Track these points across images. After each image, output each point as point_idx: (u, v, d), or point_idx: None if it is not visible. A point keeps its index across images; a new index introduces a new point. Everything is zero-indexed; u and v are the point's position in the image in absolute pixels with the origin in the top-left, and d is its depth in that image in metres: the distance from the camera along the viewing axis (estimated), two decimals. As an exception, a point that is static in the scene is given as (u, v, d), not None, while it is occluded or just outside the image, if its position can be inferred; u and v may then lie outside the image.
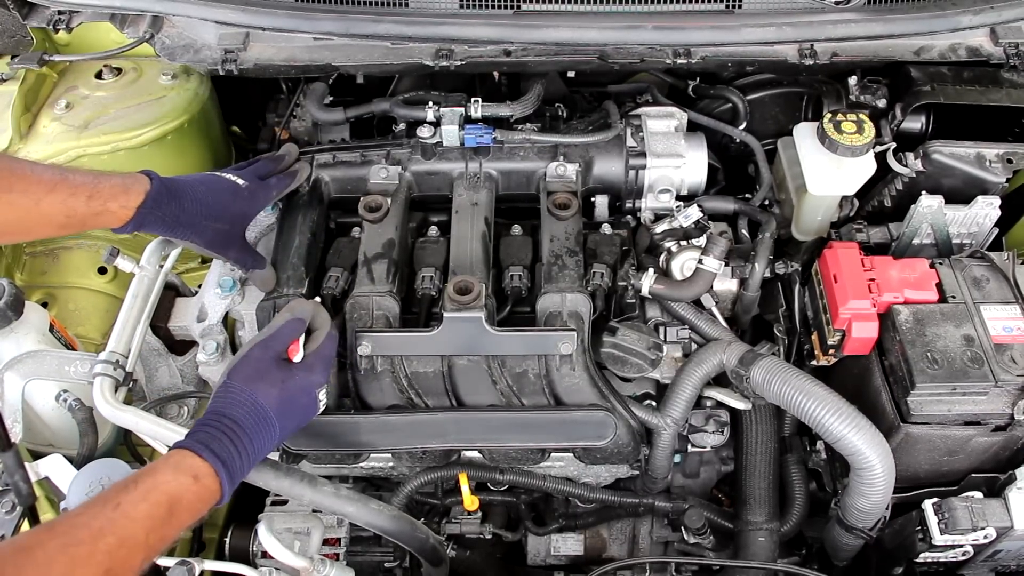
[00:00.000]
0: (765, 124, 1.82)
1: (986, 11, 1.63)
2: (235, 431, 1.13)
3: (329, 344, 1.30)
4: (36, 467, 1.39)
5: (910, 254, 1.58)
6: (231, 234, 1.42)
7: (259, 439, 1.16)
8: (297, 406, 1.23)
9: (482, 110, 1.61)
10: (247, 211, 1.45)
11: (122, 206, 1.27)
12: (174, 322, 1.62)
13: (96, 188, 1.25)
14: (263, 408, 1.17)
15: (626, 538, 1.81)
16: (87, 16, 1.67)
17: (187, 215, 1.34)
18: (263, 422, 1.17)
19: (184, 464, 1.07)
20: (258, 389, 1.18)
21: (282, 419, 1.19)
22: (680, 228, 1.61)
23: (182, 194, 1.34)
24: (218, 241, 1.40)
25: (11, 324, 1.49)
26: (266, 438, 1.17)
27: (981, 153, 1.58)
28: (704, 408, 1.55)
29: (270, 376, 1.20)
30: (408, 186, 1.65)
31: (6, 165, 1.20)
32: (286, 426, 1.21)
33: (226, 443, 1.11)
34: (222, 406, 1.16)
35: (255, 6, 1.62)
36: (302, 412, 1.25)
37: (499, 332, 1.38)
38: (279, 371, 1.22)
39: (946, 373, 1.36)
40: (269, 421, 1.17)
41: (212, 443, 1.10)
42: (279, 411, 1.19)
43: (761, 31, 1.62)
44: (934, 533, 1.38)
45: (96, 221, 1.27)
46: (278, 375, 1.21)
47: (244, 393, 1.17)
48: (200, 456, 1.08)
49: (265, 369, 1.21)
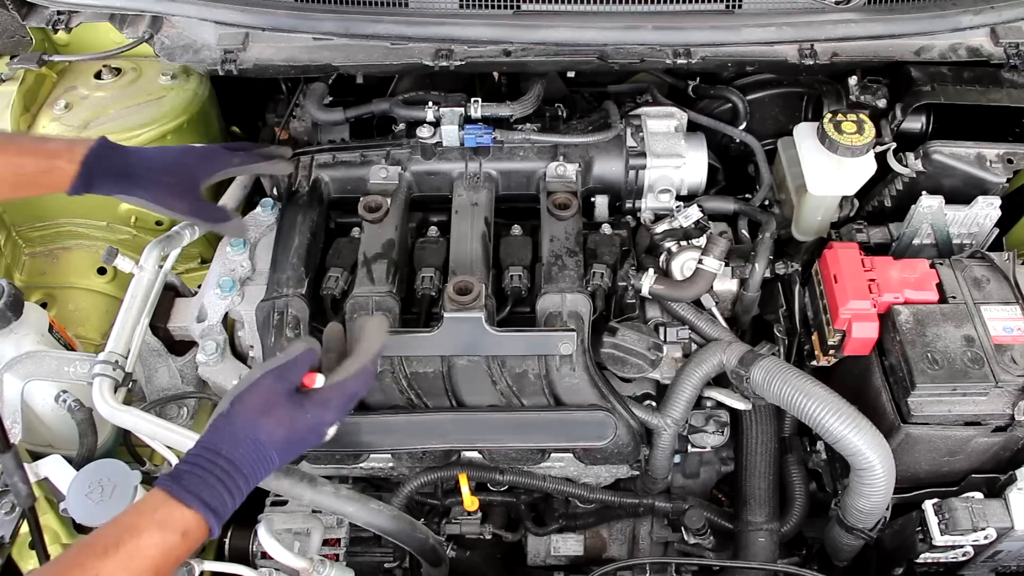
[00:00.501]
0: (765, 124, 1.82)
1: (986, 11, 1.63)
2: (231, 474, 1.04)
3: (357, 382, 1.18)
4: (36, 468, 1.39)
5: (910, 254, 1.58)
6: (182, 188, 1.39)
7: (255, 478, 1.08)
8: (303, 445, 1.14)
9: (482, 110, 1.61)
10: (198, 166, 1.43)
11: (68, 161, 1.30)
12: (174, 322, 1.62)
13: (44, 147, 1.32)
14: (264, 448, 1.08)
15: (626, 538, 1.81)
16: (86, 16, 1.67)
17: (133, 168, 1.35)
18: (262, 462, 1.08)
19: (171, 520, 0.99)
20: (263, 426, 1.09)
21: (283, 456, 1.11)
22: (680, 228, 1.61)
23: (128, 151, 1.37)
24: (168, 196, 1.38)
25: (10, 325, 1.48)
26: (262, 473, 1.10)
27: (981, 153, 1.58)
28: (704, 408, 1.55)
29: (279, 412, 1.10)
30: (408, 186, 1.64)
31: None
32: (285, 460, 1.12)
33: (219, 489, 1.03)
34: (219, 442, 1.07)
35: (255, 6, 1.61)
36: (305, 447, 1.15)
37: (499, 332, 1.38)
38: (289, 407, 1.11)
39: (946, 373, 1.36)
40: (269, 460, 1.09)
41: (203, 491, 1.02)
42: (282, 450, 1.10)
43: (761, 31, 1.62)
44: (934, 534, 1.38)
45: (46, 179, 1.30)
46: (287, 412, 1.11)
47: (247, 429, 1.08)
48: (191, 508, 1.00)
49: (275, 403, 1.11)
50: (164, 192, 1.38)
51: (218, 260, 1.60)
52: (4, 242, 1.95)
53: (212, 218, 1.45)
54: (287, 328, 1.44)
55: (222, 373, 1.52)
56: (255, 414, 1.10)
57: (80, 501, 1.35)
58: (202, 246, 1.97)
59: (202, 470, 1.04)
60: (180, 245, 1.57)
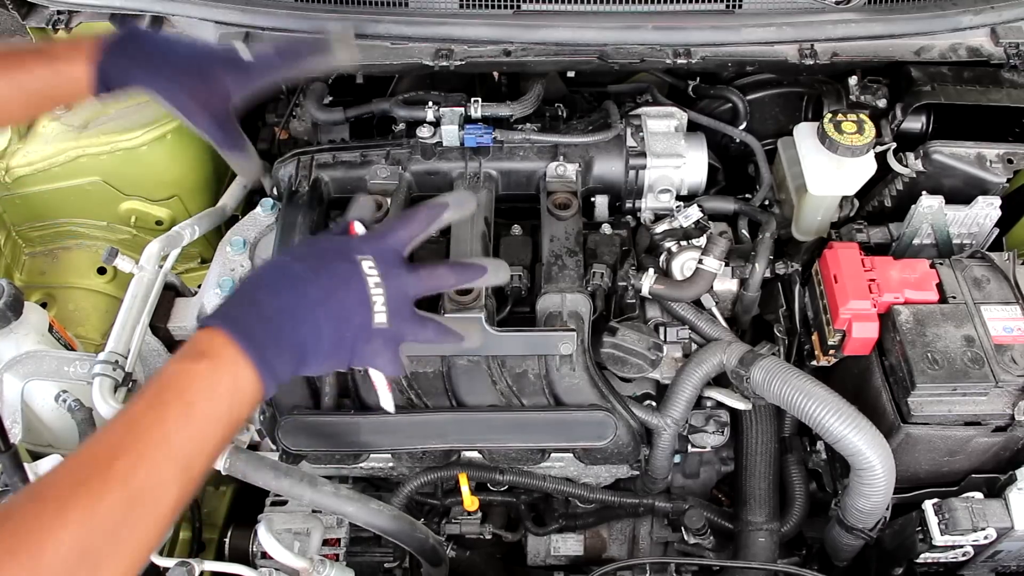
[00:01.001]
0: (765, 124, 1.82)
1: (986, 11, 1.63)
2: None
3: (397, 232, 1.01)
4: (36, 468, 1.38)
5: (910, 254, 1.58)
6: (210, 96, 1.16)
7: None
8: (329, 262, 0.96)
9: (482, 110, 1.61)
10: (232, 75, 1.18)
11: (75, 51, 1.12)
12: (173, 322, 1.62)
13: (49, 48, 1.19)
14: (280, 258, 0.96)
15: (626, 538, 1.81)
16: (86, 16, 1.67)
17: (158, 57, 1.14)
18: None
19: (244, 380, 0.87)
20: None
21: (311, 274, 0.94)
22: (680, 228, 1.61)
23: (152, 35, 1.20)
24: (192, 97, 1.15)
25: (10, 324, 1.48)
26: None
27: (981, 153, 1.58)
28: (704, 408, 1.55)
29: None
30: (408, 186, 1.64)
31: None
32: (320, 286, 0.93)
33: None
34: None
35: (255, 6, 1.62)
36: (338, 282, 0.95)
37: (499, 332, 1.38)
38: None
39: (946, 373, 1.36)
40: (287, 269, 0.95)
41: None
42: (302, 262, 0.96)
43: (761, 31, 1.62)
44: (934, 534, 1.38)
45: (60, 91, 1.15)
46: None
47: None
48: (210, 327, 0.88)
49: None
50: (186, 95, 1.15)
51: (218, 260, 1.60)
52: (4, 242, 1.95)
53: (231, 145, 1.21)
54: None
55: (222, 373, 1.51)
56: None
57: (80, 501, 1.34)
58: (202, 246, 1.97)
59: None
60: (180, 245, 1.57)
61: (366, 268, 0.97)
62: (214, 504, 1.77)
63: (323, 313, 0.93)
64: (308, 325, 0.92)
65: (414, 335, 1.00)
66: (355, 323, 0.95)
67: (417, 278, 1.01)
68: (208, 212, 1.65)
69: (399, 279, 0.99)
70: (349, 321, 0.95)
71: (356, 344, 0.96)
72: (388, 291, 0.97)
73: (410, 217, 1.04)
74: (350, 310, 0.95)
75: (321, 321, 0.93)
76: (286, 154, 1.67)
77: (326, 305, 0.93)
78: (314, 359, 0.93)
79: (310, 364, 0.94)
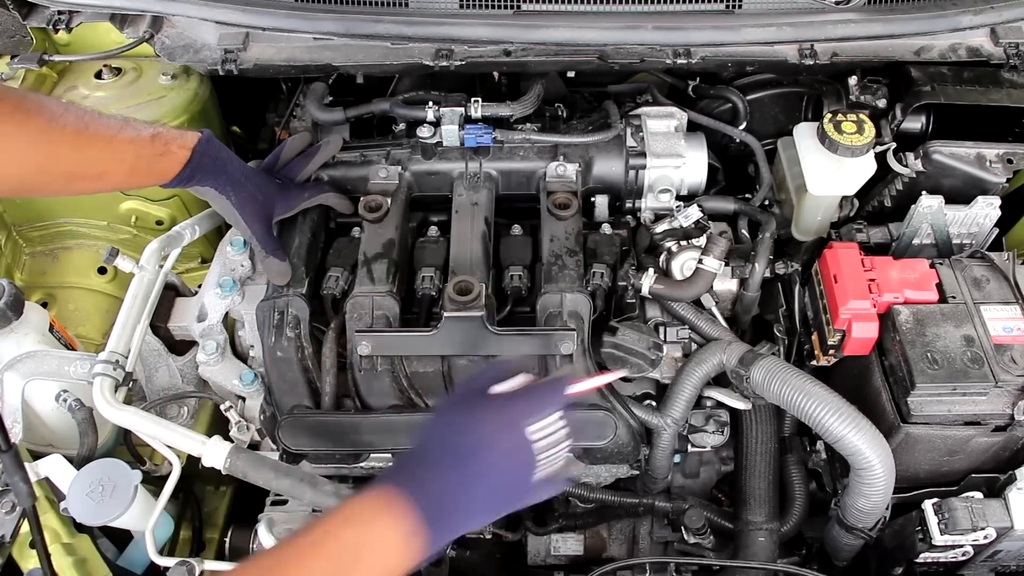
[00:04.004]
0: (765, 124, 1.82)
1: (986, 11, 1.63)
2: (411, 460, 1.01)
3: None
4: (36, 467, 1.39)
5: (910, 254, 1.58)
6: (264, 209, 1.43)
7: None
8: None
9: (482, 110, 1.61)
10: (277, 198, 1.46)
11: (180, 146, 1.30)
12: (174, 322, 1.63)
13: (157, 130, 1.29)
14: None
15: (626, 538, 1.81)
16: (87, 16, 1.67)
17: (233, 169, 1.37)
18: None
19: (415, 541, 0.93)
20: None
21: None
22: (680, 228, 1.61)
23: (228, 150, 1.39)
24: (251, 210, 1.40)
25: (11, 324, 1.49)
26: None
27: (981, 153, 1.58)
28: (704, 408, 1.56)
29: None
30: (408, 186, 1.65)
31: (76, 106, 1.21)
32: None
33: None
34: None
35: (255, 6, 1.62)
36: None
37: (499, 332, 1.38)
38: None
39: (946, 373, 1.36)
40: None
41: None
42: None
43: (761, 31, 1.62)
44: (934, 533, 1.38)
45: (160, 164, 1.29)
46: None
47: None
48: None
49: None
50: (248, 204, 1.39)
51: (218, 260, 1.60)
52: (5, 242, 1.95)
53: (271, 251, 1.44)
54: (287, 328, 1.44)
55: (222, 373, 1.52)
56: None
57: (80, 500, 1.35)
58: (202, 246, 1.97)
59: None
60: (181, 245, 1.57)
61: (533, 433, 1.02)
62: (214, 504, 1.77)
63: (491, 490, 1.00)
64: (475, 502, 0.98)
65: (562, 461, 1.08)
66: (520, 484, 1.03)
67: (565, 429, 1.07)
68: (208, 212, 1.65)
69: (557, 433, 1.05)
70: (514, 485, 1.02)
71: (515, 498, 1.04)
72: (550, 449, 1.04)
73: (557, 385, 1.09)
74: (517, 479, 1.02)
75: (484, 495, 0.99)
76: (286, 154, 1.67)
77: (490, 480, 0.99)
78: (471, 522, 0.99)
79: (464, 527, 0.99)
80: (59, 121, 1.17)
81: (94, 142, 1.21)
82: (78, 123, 1.19)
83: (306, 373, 1.46)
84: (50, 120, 1.16)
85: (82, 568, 1.33)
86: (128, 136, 1.25)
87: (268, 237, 1.45)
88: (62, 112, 1.18)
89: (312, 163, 1.56)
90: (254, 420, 1.50)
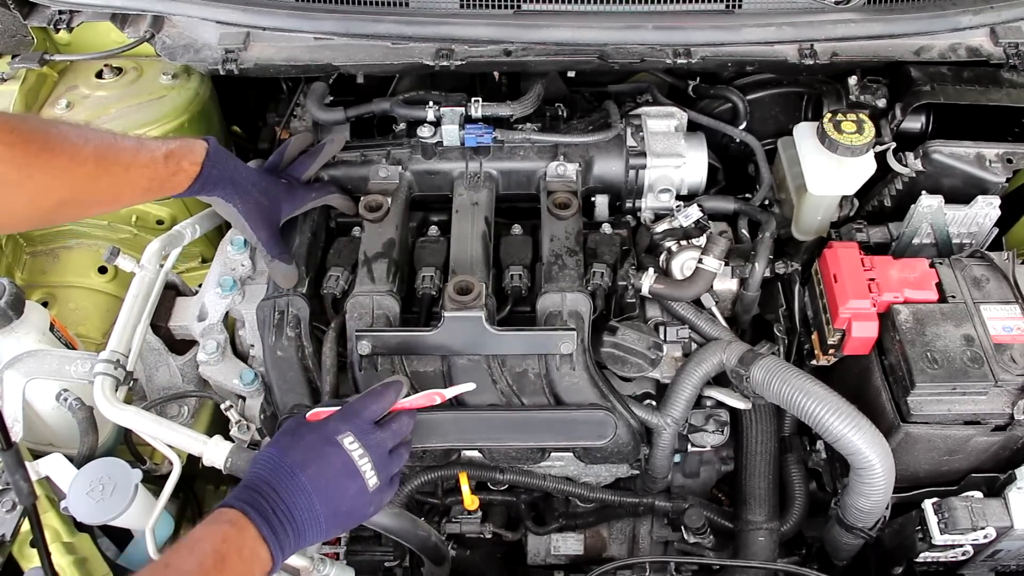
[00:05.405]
0: (765, 124, 1.82)
1: (986, 11, 1.64)
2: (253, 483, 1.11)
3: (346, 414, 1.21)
4: (36, 466, 1.39)
5: (910, 254, 1.58)
6: (270, 214, 1.44)
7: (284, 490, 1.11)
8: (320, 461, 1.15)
9: (482, 110, 1.61)
10: (284, 200, 1.48)
11: (191, 163, 1.33)
12: (174, 322, 1.63)
13: (169, 149, 1.31)
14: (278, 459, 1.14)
15: (626, 538, 1.82)
16: (88, 16, 1.67)
17: (241, 177, 1.39)
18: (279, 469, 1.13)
19: (258, 559, 1.06)
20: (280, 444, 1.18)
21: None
22: (680, 228, 1.61)
23: (235, 158, 1.41)
24: (257, 216, 1.42)
25: (11, 323, 1.48)
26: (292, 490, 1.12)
27: (981, 153, 1.58)
28: (704, 408, 1.55)
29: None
30: (408, 186, 1.65)
31: (94, 133, 1.23)
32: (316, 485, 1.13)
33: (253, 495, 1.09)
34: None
35: (255, 6, 1.62)
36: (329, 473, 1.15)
37: (499, 332, 1.38)
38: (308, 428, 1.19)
39: (946, 373, 1.36)
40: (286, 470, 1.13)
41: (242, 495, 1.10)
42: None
43: (761, 31, 1.62)
44: (934, 533, 1.38)
45: (172, 183, 1.32)
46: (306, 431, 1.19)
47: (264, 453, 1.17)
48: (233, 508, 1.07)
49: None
50: (254, 210, 1.42)
51: (219, 259, 1.60)
52: (5, 241, 1.95)
53: (277, 255, 1.46)
54: (287, 327, 1.44)
55: (223, 372, 1.52)
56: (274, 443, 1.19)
57: (81, 499, 1.35)
58: (203, 245, 1.97)
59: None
60: (181, 244, 1.57)
61: (347, 445, 1.16)
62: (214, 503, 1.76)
63: (318, 497, 1.11)
64: (304, 511, 1.10)
65: (399, 462, 1.23)
66: (351, 493, 1.15)
67: (390, 432, 1.22)
68: (209, 211, 1.64)
69: (376, 441, 1.19)
70: (344, 494, 1.14)
71: (355, 508, 1.16)
72: (372, 456, 1.17)
73: (379, 394, 1.25)
74: (343, 486, 1.14)
75: (316, 504, 1.11)
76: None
77: (319, 489, 1.11)
78: (313, 534, 1.11)
79: (309, 537, 1.11)
80: (80, 156, 1.19)
81: (111, 170, 1.24)
82: (96, 154, 1.22)
83: (306, 372, 1.46)
84: (72, 158, 1.18)
85: (82, 567, 1.33)
86: (143, 160, 1.27)
87: (274, 241, 1.45)
88: (82, 144, 1.20)
89: (316, 162, 1.57)
90: (254, 419, 1.50)
